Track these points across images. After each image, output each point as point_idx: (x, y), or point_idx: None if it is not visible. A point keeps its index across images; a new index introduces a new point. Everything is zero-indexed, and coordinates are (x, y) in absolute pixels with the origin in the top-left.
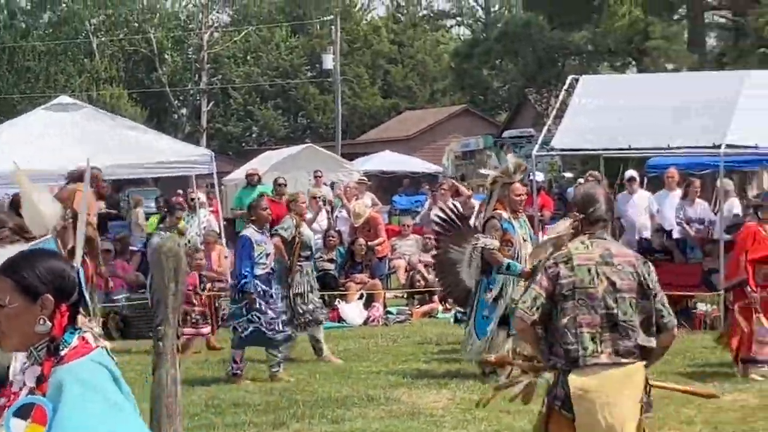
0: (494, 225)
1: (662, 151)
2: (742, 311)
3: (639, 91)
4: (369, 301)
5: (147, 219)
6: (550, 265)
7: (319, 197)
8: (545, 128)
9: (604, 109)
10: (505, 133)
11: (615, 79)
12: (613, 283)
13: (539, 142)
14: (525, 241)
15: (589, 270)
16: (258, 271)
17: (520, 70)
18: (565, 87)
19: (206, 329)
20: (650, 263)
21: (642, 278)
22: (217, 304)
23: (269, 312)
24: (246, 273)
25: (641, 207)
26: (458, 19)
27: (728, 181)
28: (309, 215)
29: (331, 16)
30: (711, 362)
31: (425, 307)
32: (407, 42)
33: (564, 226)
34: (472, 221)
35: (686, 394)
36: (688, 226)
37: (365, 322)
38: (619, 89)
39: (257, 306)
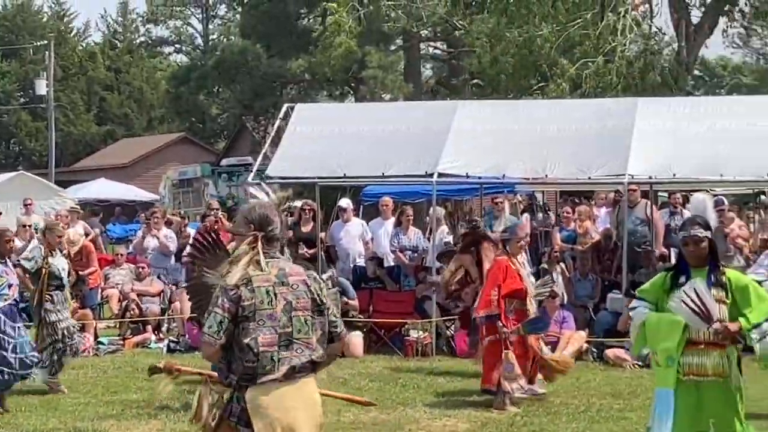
0: None
1: (377, 179)
2: (491, 346)
3: (354, 119)
4: (79, 331)
5: None
6: (232, 287)
7: (30, 225)
8: (260, 156)
9: (320, 138)
10: (223, 161)
11: (330, 107)
12: (289, 303)
13: (254, 170)
14: None
15: (268, 291)
16: None
17: (238, 98)
18: (281, 115)
19: None
20: (321, 280)
21: (315, 295)
22: None
23: (10, 347)
24: None
25: (355, 235)
26: (177, 46)
27: (440, 209)
28: (19, 244)
29: (45, 42)
30: (421, 387)
31: (138, 337)
32: (124, 69)
33: (246, 247)
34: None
35: (346, 401)
36: (402, 254)
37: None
38: (335, 118)
39: None
